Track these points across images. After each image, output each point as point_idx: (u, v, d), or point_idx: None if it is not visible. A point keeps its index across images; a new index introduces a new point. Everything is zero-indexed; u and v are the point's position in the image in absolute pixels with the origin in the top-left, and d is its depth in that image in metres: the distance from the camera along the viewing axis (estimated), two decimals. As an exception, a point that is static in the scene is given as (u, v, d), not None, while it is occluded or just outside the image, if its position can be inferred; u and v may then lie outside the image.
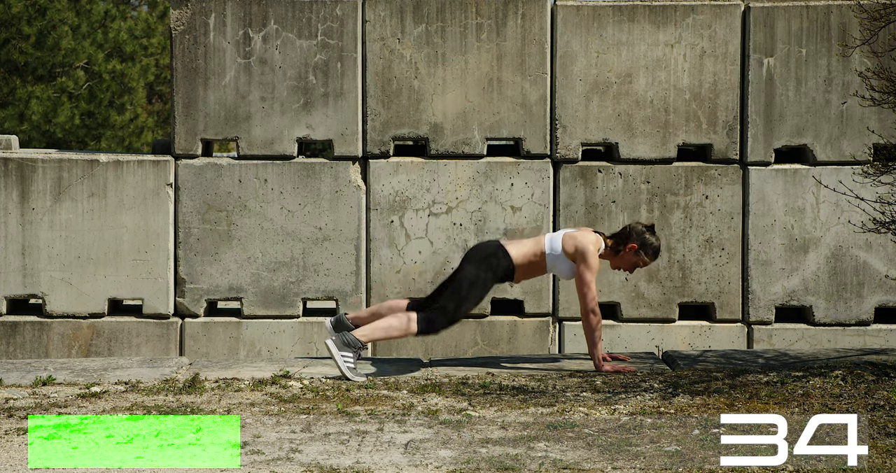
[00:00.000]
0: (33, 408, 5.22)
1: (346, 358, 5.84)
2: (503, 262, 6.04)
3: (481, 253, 6.08)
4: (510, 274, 6.08)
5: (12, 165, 7.45)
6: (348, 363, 5.84)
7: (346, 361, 5.84)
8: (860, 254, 7.44)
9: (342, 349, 5.84)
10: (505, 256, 6.04)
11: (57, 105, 17.49)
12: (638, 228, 6.10)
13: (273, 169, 7.46)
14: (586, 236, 6.06)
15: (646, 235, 6.09)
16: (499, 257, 6.04)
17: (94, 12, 18.33)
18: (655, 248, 6.12)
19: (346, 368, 5.84)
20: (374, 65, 7.45)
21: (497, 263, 6.03)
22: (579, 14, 7.44)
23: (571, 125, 7.45)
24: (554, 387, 5.63)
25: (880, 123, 7.29)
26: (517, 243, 6.14)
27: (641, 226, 6.12)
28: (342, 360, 5.83)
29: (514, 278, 6.12)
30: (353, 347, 5.86)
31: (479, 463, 4.37)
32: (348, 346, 5.85)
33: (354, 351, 5.86)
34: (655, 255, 6.15)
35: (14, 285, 7.46)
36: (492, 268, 6.02)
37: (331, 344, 5.85)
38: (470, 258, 6.08)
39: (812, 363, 6.05)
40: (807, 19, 7.40)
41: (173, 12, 7.47)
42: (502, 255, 6.04)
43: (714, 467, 4.32)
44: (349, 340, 5.86)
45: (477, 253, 6.09)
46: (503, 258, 6.04)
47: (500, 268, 6.04)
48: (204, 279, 7.47)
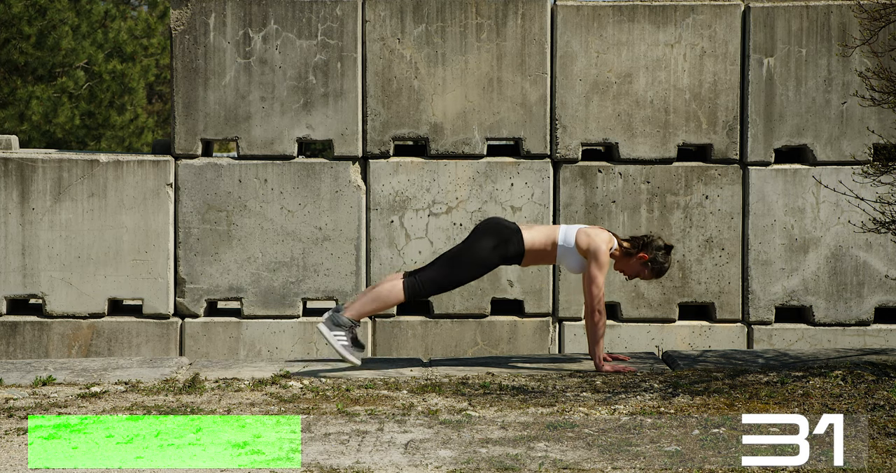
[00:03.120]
0: (33, 408, 5.22)
1: (339, 338, 5.87)
2: (515, 247, 6.01)
3: (496, 228, 6.03)
4: (518, 258, 6.07)
5: (12, 165, 7.46)
6: (342, 341, 5.86)
7: (340, 340, 5.87)
8: (860, 254, 7.44)
9: (333, 329, 5.88)
10: (519, 241, 6.02)
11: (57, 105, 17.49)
12: (657, 243, 6.09)
13: (273, 169, 7.46)
14: (600, 235, 6.06)
15: (660, 253, 6.07)
16: (511, 237, 6.01)
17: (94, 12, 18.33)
18: (661, 269, 6.11)
19: (340, 347, 5.86)
20: (374, 65, 7.45)
21: (508, 248, 6.00)
22: (579, 14, 7.44)
23: (571, 125, 7.45)
24: (554, 387, 5.63)
25: (880, 123, 7.29)
26: (532, 228, 6.11)
27: (662, 242, 6.10)
28: (335, 340, 5.86)
29: (521, 262, 6.11)
30: (345, 327, 5.88)
31: (479, 463, 4.37)
32: (339, 326, 5.88)
33: (347, 330, 5.88)
34: (659, 275, 6.14)
35: (14, 285, 7.46)
36: (501, 247, 5.99)
37: (322, 328, 5.89)
38: (483, 229, 6.04)
39: (812, 363, 6.05)
40: (807, 19, 7.40)
41: (173, 12, 7.47)
42: (517, 240, 6.02)
43: (714, 467, 4.32)
44: (340, 321, 5.88)
45: (491, 226, 6.05)
46: (516, 243, 6.02)
47: (510, 252, 6.02)
48: (204, 279, 7.47)
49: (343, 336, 5.88)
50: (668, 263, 6.11)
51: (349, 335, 5.90)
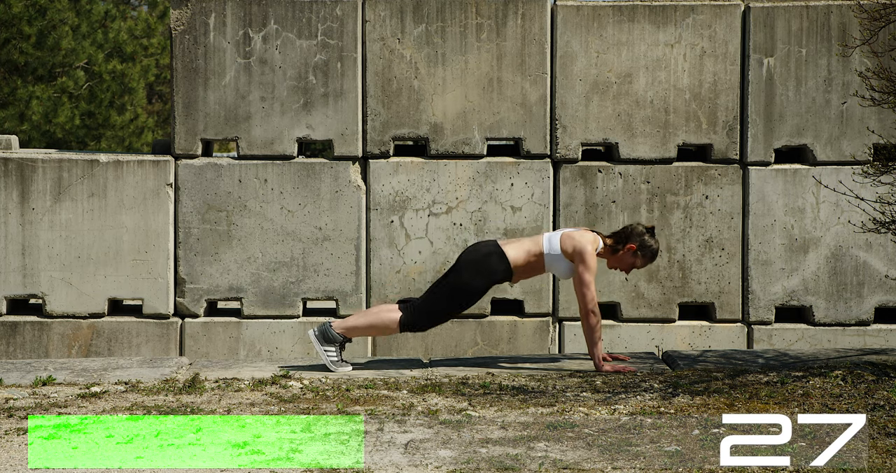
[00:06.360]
0: (33, 408, 5.22)
1: (328, 353, 6.08)
2: (499, 266, 6.03)
3: (476, 258, 6.06)
4: (507, 276, 6.08)
5: (12, 165, 7.46)
6: (331, 357, 6.07)
7: (330, 356, 6.07)
8: (860, 254, 7.44)
9: (324, 344, 6.08)
10: (502, 260, 6.03)
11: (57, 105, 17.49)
12: (638, 229, 6.10)
13: (273, 169, 7.46)
14: (584, 236, 6.05)
15: (645, 237, 6.08)
16: (494, 262, 6.02)
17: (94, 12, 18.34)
18: (653, 251, 6.12)
19: (328, 362, 6.06)
20: (374, 65, 7.45)
21: (493, 269, 6.02)
22: (579, 14, 7.44)
23: (571, 125, 7.45)
24: (554, 387, 5.63)
25: (880, 123, 7.29)
26: (515, 243, 6.12)
27: (642, 227, 6.12)
28: (325, 354, 6.07)
29: (511, 279, 6.13)
30: (335, 342, 6.07)
31: (479, 463, 4.37)
32: (329, 342, 6.07)
33: (336, 346, 6.07)
34: (652, 258, 6.15)
35: (14, 285, 7.46)
36: (486, 275, 6.03)
37: (313, 338, 6.10)
38: (464, 262, 6.07)
39: (812, 363, 6.05)
40: (807, 19, 7.40)
41: (173, 12, 7.47)
42: (498, 260, 6.03)
43: (714, 467, 4.32)
44: (331, 335, 6.07)
45: (472, 257, 6.07)
46: (499, 262, 6.03)
47: (496, 273, 6.04)
48: (204, 279, 7.47)
49: (333, 352, 6.09)
50: (656, 244, 6.13)
51: (339, 349, 6.10)
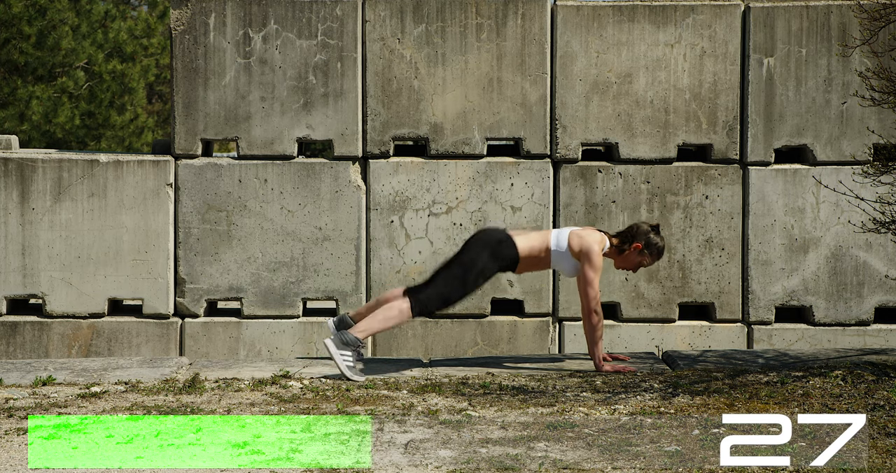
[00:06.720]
0: (33, 408, 5.22)
1: (345, 358, 5.86)
2: (509, 252, 6.04)
3: (488, 240, 6.06)
4: (513, 264, 6.08)
5: (12, 165, 7.45)
6: (347, 362, 5.86)
7: (346, 360, 5.85)
8: (860, 254, 7.44)
9: (341, 348, 5.86)
10: (511, 246, 6.05)
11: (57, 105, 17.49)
12: (643, 228, 6.12)
13: (273, 169, 7.46)
14: (592, 235, 6.07)
15: (651, 235, 6.10)
16: (505, 248, 6.04)
17: (94, 12, 18.33)
18: (660, 248, 6.14)
19: (345, 367, 5.85)
20: (374, 65, 7.45)
21: (502, 252, 6.03)
22: (579, 14, 7.44)
23: (571, 125, 7.45)
24: (554, 387, 5.63)
25: (880, 123, 7.29)
26: (524, 235, 6.14)
27: (647, 225, 6.14)
28: (341, 360, 5.85)
29: (515, 269, 6.11)
30: (352, 346, 5.87)
31: (479, 463, 4.37)
32: (347, 345, 5.86)
33: (353, 350, 5.87)
34: (659, 255, 6.17)
35: (14, 285, 7.46)
36: (497, 257, 6.02)
37: (329, 344, 5.87)
38: (475, 243, 6.06)
39: (812, 363, 6.05)
40: (807, 19, 7.40)
41: (173, 12, 7.47)
42: (509, 245, 6.05)
43: (714, 467, 4.32)
44: (347, 339, 5.87)
45: (483, 239, 6.07)
46: (509, 248, 6.05)
47: (505, 258, 6.04)
48: (204, 279, 7.47)
49: (350, 356, 5.88)
50: (662, 241, 6.15)
51: (355, 355, 5.90)
